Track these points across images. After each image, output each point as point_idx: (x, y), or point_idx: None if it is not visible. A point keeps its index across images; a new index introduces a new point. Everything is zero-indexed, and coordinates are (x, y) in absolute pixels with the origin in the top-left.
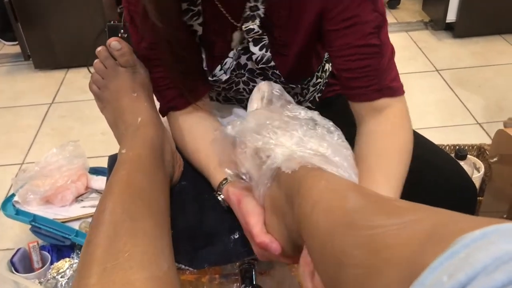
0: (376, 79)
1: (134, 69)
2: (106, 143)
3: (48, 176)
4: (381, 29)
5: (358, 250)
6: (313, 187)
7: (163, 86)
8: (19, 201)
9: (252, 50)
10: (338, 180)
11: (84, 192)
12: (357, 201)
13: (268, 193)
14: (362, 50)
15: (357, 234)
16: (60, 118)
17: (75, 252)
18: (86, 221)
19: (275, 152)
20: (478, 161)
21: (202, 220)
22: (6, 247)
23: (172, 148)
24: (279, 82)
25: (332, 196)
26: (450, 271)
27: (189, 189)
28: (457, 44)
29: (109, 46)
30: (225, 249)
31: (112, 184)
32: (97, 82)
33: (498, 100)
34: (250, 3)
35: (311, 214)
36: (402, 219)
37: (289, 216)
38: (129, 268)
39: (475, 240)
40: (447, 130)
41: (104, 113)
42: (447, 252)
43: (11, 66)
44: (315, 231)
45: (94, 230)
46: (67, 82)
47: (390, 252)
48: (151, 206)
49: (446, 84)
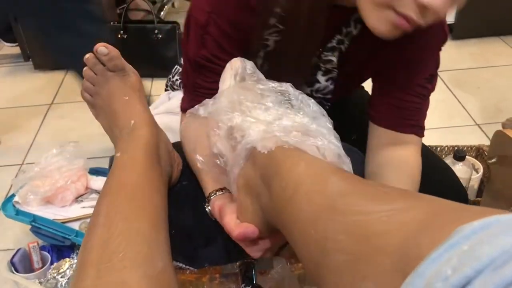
0: (416, 116)
1: (123, 72)
2: (105, 143)
3: (48, 176)
4: (434, 78)
5: (342, 235)
6: (292, 169)
7: (199, 92)
8: (19, 202)
9: (319, 79)
10: (318, 163)
11: (84, 192)
12: (340, 185)
13: (242, 173)
14: (416, 90)
15: (342, 220)
16: (60, 118)
17: (75, 252)
18: (86, 221)
19: (250, 130)
20: (477, 162)
21: (202, 220)
22: (6, 248)
23: (168, 148)
24: (323, 106)
25: (313, 180)
26: (453, 264)
27: (189, 188)
28: (455, 45)
29: (96, 51)
30: (225, 248)
31: (107, 187)
32: (88, 90)
33: (497, 101)
34: (340, 37)
35: (291, 198)
36: (391, 205)
37: (265, 196)
38: (123, 267)
39: (475, 231)
40: (446, 131)
41: (99, 120)
42: (446, 243)
43: (11, 67)
44: (296, 217)
45: (89, 233)
46: (66, 83)
47: (380, 239)
48: (146, 206)
49: (445, 86)
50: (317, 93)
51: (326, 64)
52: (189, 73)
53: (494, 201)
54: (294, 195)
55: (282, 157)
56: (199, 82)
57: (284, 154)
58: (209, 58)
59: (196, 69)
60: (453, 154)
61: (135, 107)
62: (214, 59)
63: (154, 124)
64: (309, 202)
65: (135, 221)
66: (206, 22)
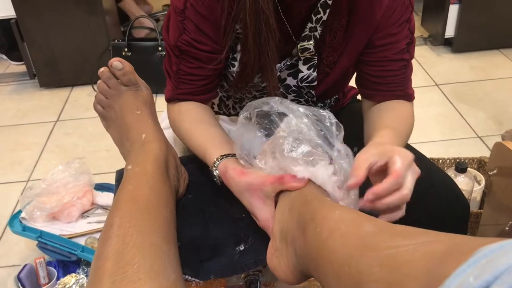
0: (401, 86)
1: (136, 87)
2: (110, 159)
3: (55, 193)
4: (411, 45)
5: (376, 268)
6: (328, 216)
7: (183, 78)
8: (26, 218)
9: (301, 69)
10: (351, 211)
11: (89, 208)
12: (372, 227)
13: (279, 218)
14: (395, 63)
15: (375, 255)
16: (65, 135)
17: (81, 268)
18: (92, 236)
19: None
20: (479, 174)
21: (207, 232)
22: (12, 263)
23: (176, 162)
24: (310, 101)
25: (347, 224)
26: (475, 274)
27: (194, 202)
28: (456, 59)
29: (111, 66)
30: (230, 260)
31: (119, 199)
32: (101, 102)
33: (498, 113)
34: (312, 24)
35: (326, 241)
36: (417, 240)
37: (300, 241)
38: (137, 279)
39: (493, 250)
40: (448, 144)
41: (109, 132)
42: (470, 260)
43: (17, 85)
44: (332, 256)
45: (103, 244)
46: (71, 100)
47: (409, 267)
48: (157, 219)
49: (446, 99)
50: (303, 83)
51: (304, 53)
52: (172, 61)
53: (495, 212)
54: (329, 238)
55: (318, 204)
56: (183, 68)
57: (319, 202)
58: (190, 42)
59: (179, 54)
60: (455, 166)
61: (146, 121)
62: (195, 43)
63: (164, 139)
64: (344, 243)
65: (148, 234)
66: (183, 6)
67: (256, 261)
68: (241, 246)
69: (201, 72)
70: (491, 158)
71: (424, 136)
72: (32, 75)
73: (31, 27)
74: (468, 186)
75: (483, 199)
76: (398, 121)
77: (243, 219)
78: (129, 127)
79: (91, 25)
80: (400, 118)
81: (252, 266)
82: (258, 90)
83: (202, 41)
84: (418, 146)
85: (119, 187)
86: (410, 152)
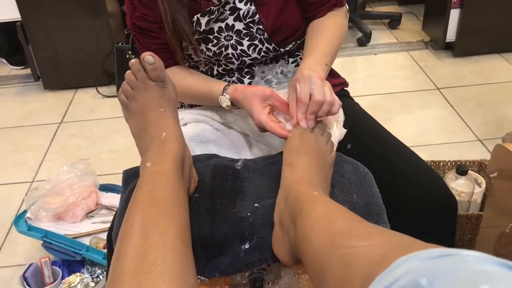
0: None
1: (163, 84)
2: (114, 161)
3: (60, 193)
4: None
5: (335, 265)
6: (311, 213)
7: (154, 50)
8: (31, 218)
9: (238, 6)
10: (333, 206)
11: (94, 208)
12: (343, 225)
13: (278, 210)
14: None
15: (337, 253)
16: (69, 137)
17: (85, 267)
18: (96, 236)
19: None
20: (479, 177)
21: (213, 231)
22: (18, 263)
23: (191, 163)
24: (263, 39)
25: (324, 221)
26: (388, 279)
27: (201, 201)
28: (457, 63)
29: (143, 59)
30: (235, 258)
31: (138, 197)
32: (126, 92)
33: (498, 116)
34: None
35: (308, 235)
36: (370, 241)
37: (292, 233)
38: (162, 282)
39: (399, 264)
40: (449, 147)
41: (129, 123)
42: (385, 271)
43: (21, 87)
44: (310, 249)
45: (124, 243)
46: (76, 102)
47: (356, 268)
48: (176, 221)
49: (447, 102)
50: (247, 19)
51: None
52: (139, 41)
53: (495, 214)
54: (309, 233)
55: (306, 199)
56: (147, 43)
57: (307, 197)
58: (142, 16)
59: (139, 31)
60: (456, 169)
61: (168, 120)
62: (145, 17)
63: (183, 140)
64: (318, 238)
65: (168, 236)
66: None
67: (260, 259)
68: (246, 244)
69: (162, 42)
70: (492, 160)
71: (425, 139)
72: (36, 77)
73: (36, 29)
74: (468, 189)
75: (483, 201)
76: (329, 27)
77: (248, 217)
78: (150, 123)
79: (95, 27)
80: (331, 23)
81: (256, 264)
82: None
83: (149, 14)
84: (419, 149)
85: (137, 185)
86: (312, 73)
